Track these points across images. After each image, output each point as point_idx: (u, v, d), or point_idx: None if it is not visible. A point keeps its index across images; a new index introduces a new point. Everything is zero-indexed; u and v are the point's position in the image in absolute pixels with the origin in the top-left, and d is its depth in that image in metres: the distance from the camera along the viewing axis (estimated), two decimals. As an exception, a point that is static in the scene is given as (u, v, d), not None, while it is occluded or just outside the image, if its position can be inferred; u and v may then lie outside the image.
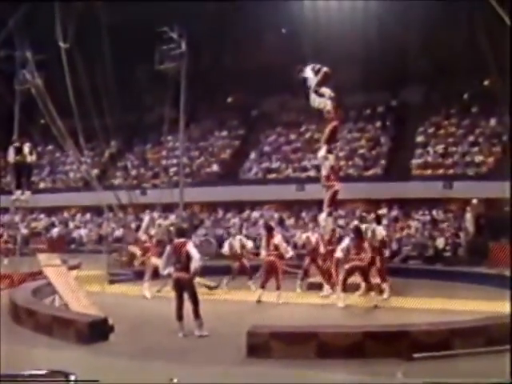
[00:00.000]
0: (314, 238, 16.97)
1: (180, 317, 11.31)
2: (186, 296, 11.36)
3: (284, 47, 31.14)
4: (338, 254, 14.95)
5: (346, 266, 14.61)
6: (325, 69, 17.12)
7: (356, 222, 17.13)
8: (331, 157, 17.39)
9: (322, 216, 17.10)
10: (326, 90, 17.07)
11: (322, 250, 16.39)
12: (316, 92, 17.09)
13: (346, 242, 14.93)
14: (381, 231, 16.22)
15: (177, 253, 11.51)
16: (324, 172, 17.32)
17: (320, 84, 17.09)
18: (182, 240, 11.67)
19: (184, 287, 11.37)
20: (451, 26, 28.43)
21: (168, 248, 11.87)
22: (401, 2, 27.12)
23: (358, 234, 14.81)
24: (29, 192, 21.51)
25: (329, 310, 14.05)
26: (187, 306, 11.31)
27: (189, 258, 11.41)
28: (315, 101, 17.23)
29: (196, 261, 11.29)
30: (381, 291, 15.37)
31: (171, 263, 11.63)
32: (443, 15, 27.94)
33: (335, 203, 17.44)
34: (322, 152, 17.37)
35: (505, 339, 9.67)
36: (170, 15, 27.23)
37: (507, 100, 22.35)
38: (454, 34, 28.58)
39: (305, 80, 17.37)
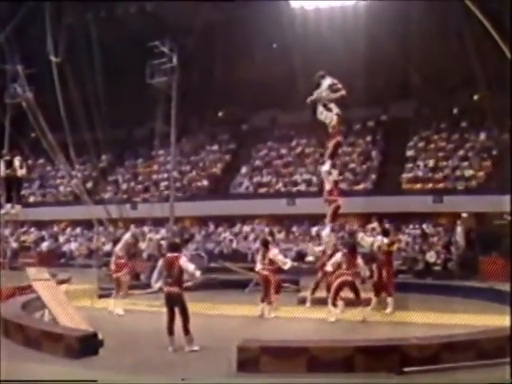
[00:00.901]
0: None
1: (171, 331, 11.25)
2: (177, 311, 11.30)
3: (275, 62, 31.32)
4: (328, 267, 14.95)
5: (337, 281, 14.59)
6: (343, 92, 17.19)
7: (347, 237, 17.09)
8: (335, 172, 17.46)
9: (326, 231, 17.10)
10: (333, 106, 17.17)
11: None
12: (325, 106, 17.20)
13: (337, 256, 14.92)
14: (385, 242, 16.13)
15: (168, 267, 11.45)
16: (327, 187, 17.40)
17: (332, 101, 17.19)
18: (174, 254, 11.59)
19: (175, 302, 11.31)
20: (440, 42, 28.66)
21: (160, 262, 11.78)
22: (391, 17, 27.36)
23: (352, 249, 14.80)
24: (19, 206, 21.43)
25: (322, 325, 13.98)
26: (178, 320, 11.25)
27: (181, 272, 11.36)
28: (322, 113, 17.31)
29: (193, 272, 11.28)
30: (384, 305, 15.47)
31: (163, 277, 11.57)
32: (433, 30, 28.17)
33: (337, 218, 17.41)
34: (325, 167, 17.48)
35: (496, 353, 9.69)
36: (161, 30, 27.35)
37: (496, 114, 22.56)
38: (443, 50, 28.80)
39: (317, 85, 17.35)
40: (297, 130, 35.21)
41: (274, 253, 15.61)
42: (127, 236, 17.21)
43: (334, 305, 14.48)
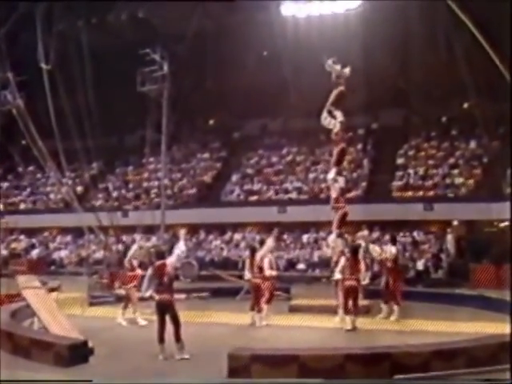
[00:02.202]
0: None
1: (162, 339, 11.21)
2: (167, 318, 11.28)
3: (266, 70, 31.37)
4: (336, 275, 14.91)
5: (344, 287, 14.55)
6: (342, 88, 17.29)
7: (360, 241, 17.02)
8: (341, 179, 17.45)
9: (332, 237, 17.08)
10: (338, 113, 17.24)
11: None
12: (330, 112, 17.26)
13: (341, 261, 14.90)
14: (393, 252, 16.08)
15: (159, 275, 11.45)
16: (333, 194, 17.40)
17: (334, 103, 17.22)
18: (162, 262, 11.60)
19: (166, 309, 11.30)
20: (430, 50, 28.78)
21: (149, 270, 11.76)
22: (382, 26, 27.49)
23: (354, 254, 14.77)
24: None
25: (314, 333, 13.97)
26: (169, 328, 11.22)
27: (171, 279, 11.43)
28: (326, 119, 17.40)
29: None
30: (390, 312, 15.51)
31: (153, 285, 11.55)
32: (423, 39, 28.30)
33: (344, 225, 17.39)
34: (331, 174, 17.48)
35: (487, 360, 9.71)
36: (152, 37, 27.36)
37: (486, 122, 22.69)
38: (433, 58, 28.94)
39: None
40: (287, 138, 35.28)
41: (263, 260, 15.60)
42: (134, 248, 16.88)
43: (348, 312, 14.40)
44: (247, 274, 15.47)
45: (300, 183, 31.65)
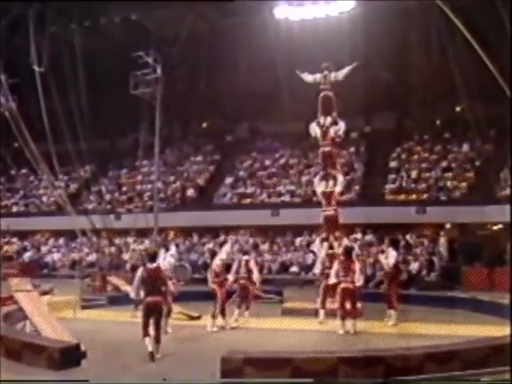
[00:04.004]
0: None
1: (147, 334, 11.40)
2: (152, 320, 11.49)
3: (259, 73, 31.39)
4: (332, 279, 14.89)
5: (338, 291, 14.52)
6: (325, 92, 17.62)
7: (347, 242, 17.01)
8: (323, 183, 17.96)
9: (316, 242, 17.31)
10: (340, 122, 18.00)
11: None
12: (318, 123, 18.08)
13: (335, 265, 14.89)
14: (393, 256, 16.06)
15: (151, 278, 11.48)
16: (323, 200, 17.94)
17: (322, 111, 18.09)
18: (154, 265, 11.68)
19: (155, 311, 11.49)
20: (423, 53, 28.88)
21: (139, 272, 11.76)
22: (375, 29, 27.55)
23: (348, 255, 14.74)
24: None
25: (307, 336, 13.96)
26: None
27: (162, 282, 11.56)
28: (314, 129, 18.36)
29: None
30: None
31: (143, 287, 11.61)
32: (415, 42, 28.39)
33: (330, 229, 17.49)
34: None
35: (479, 363, 9.72)
36: (145, 40, 27.34)
37: (479, 126, 22.75)
38: (425, 61, 29.03)
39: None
40: (281, 141, 35.29)
41: (251, 263, 15.71)
42: (169, 259, 16.04)
43: (347, 315, 14.31)
44: (208, 277, 15.47)
45: (293, 186, 31.64)
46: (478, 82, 22.15)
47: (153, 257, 12.00)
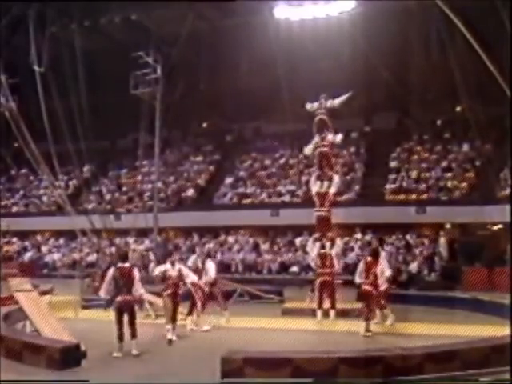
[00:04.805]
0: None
1: (122, 338, 11.75)
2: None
3: (259, 73, 31.38)
4: (357, 279, 14.70)
5: (359, 292, 14.45)
6: (320, 116, 18.19)
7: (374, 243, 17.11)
8: (318, 183, 18.01)
9: (309, 242, 17.55)
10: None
11: None
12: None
13: (360, 265, 14.77)
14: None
15: (123, 277, 11.94)
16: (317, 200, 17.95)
17: (317, 131, 18.28)
18: (126, 265, 12.20)
19: (127, 310, 11.89)
20: (423, 53, 28.88)
21: (111, 272, 12.08)
22: (375, 29, 27.53)
23: (374, 256, 14.54)
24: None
25: (307, 336, 13.96)
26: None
27: (132, 282, 11.93)
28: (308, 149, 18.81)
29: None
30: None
31: (114, 287, 12.04)
32: (416, 42, 28.39)
33: (324, 229, 17.53)
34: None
35: (479, 363, 9.72)
36: (145, 40, 27.34)
37: (479, 126, 22.75)
38: (425, 61, 29.02)
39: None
40: (281, 141, 35.27)
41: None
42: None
43: (364, 317, 14.13)
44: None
45: (293, 186, 31.63)
46: (478, 82, 22.16)
47: (124, 257, 12.63)
